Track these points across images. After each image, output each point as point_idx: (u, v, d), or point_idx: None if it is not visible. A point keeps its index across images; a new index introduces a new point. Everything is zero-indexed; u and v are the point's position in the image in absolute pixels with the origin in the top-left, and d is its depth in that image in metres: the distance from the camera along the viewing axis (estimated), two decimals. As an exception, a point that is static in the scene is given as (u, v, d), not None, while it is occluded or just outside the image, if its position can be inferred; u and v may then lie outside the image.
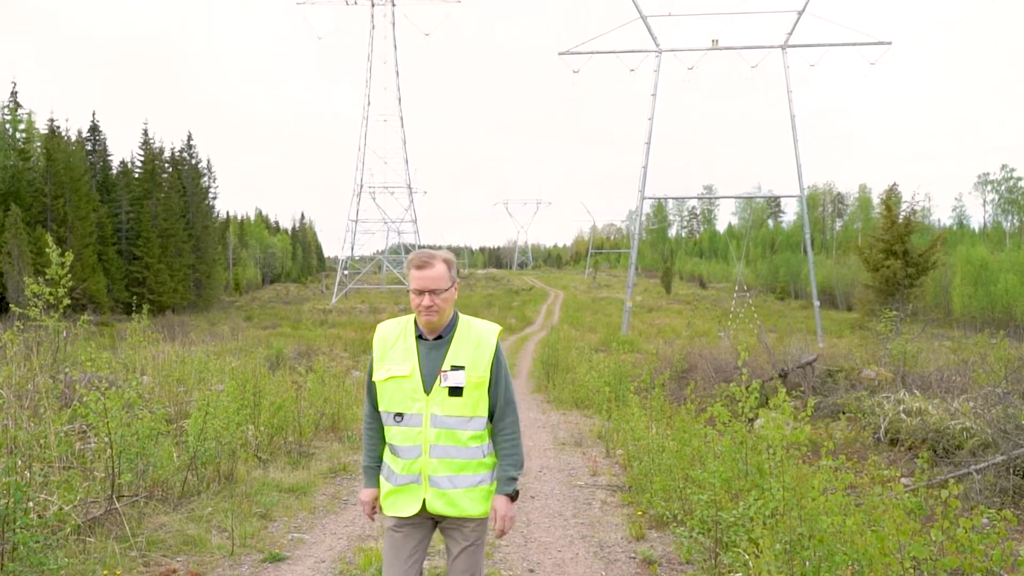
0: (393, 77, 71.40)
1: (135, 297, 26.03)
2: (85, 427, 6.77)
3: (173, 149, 60.17)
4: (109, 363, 6.81)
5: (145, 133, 56.88)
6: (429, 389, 2.89)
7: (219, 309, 56.75)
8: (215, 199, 66.11)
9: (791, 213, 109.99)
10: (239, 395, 7.81)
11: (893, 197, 47.05)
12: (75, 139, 52.91)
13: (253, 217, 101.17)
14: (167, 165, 58.05)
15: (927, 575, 3.46)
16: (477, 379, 2.89)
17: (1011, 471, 6.98)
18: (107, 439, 5.46)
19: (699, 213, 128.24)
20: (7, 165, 45.71)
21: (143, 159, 56.50)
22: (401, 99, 71.67)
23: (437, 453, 2.88)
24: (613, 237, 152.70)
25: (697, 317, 45.12)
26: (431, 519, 2.99)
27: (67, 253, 6.22)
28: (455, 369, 2.88)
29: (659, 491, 6.24)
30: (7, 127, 47.85)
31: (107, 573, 4.58)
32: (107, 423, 5.37)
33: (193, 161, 60.93)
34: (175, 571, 4.79)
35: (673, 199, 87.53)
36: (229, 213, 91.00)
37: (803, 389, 12.77)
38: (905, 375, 12.77)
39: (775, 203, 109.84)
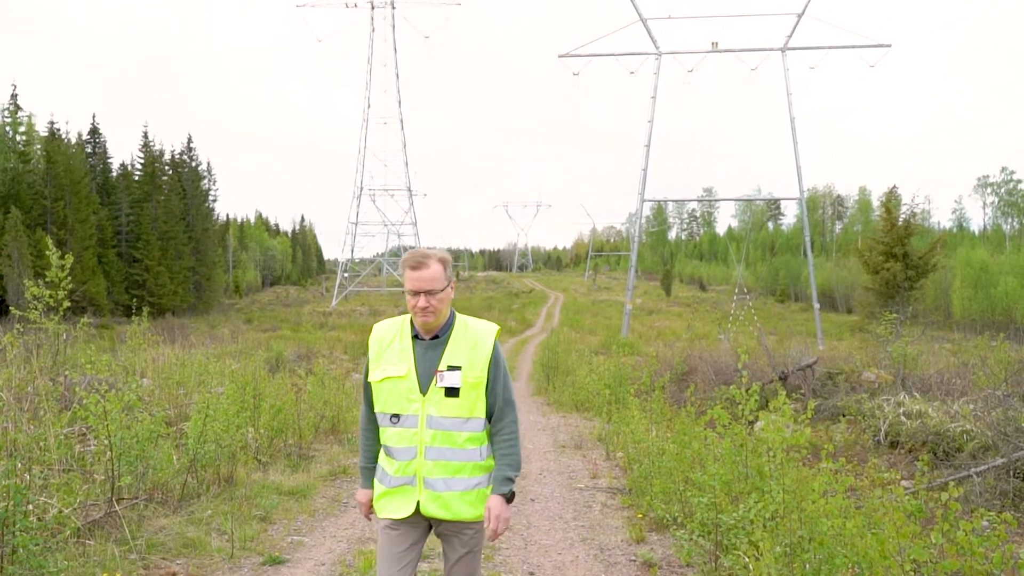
0: (393, 80, 71.52)
1: (135, 300, 26.01)
2: (85, 430, 6.76)
3: (173, 152, 60.30)
4: (109, 366, 6.81)
5: (145, 136, 56.98)
6: (425, 390, 2.84)
7: (219, 312, 56.75)
8: (215, 201, 66.31)
9: (791, 215, 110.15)
10: (239, 398, 7.81)
11: (893, 199, 47.08)
12: (75, 142, 52.94)
13: (253, 219, 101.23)
14: (167, 168, 58.11)
15: (927, 578, 3.46)
16: (474, 379, 2.84)
17: (1011, 474, 6.99)
18: (107, 442, 5.45)
19: (699, 215, 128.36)
20: (7, 167, 45.74)
21: (143, 162, 56.56)
22: (401, 101, 71.84)
23: (432, 455, 2.83)
24: (613, 239, 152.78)
25: (697, 320, 45.08)
26: (426, 521, 2.93)
27: (67, 256, 6.23)
28: (451, 369, 2.83)
29: (659, 494, 6.24)
30: (7, 129, 47.91)
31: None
32: (107, 426, 5.37)
33: (193, 163, 61.01)
34: (175, 574, 4.79)
35: (673, 201, 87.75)
36: (229, 216, 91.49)
37: (803, 392, 12.77)
38: (905, 378, 12.77)
39: (775, 205, 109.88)
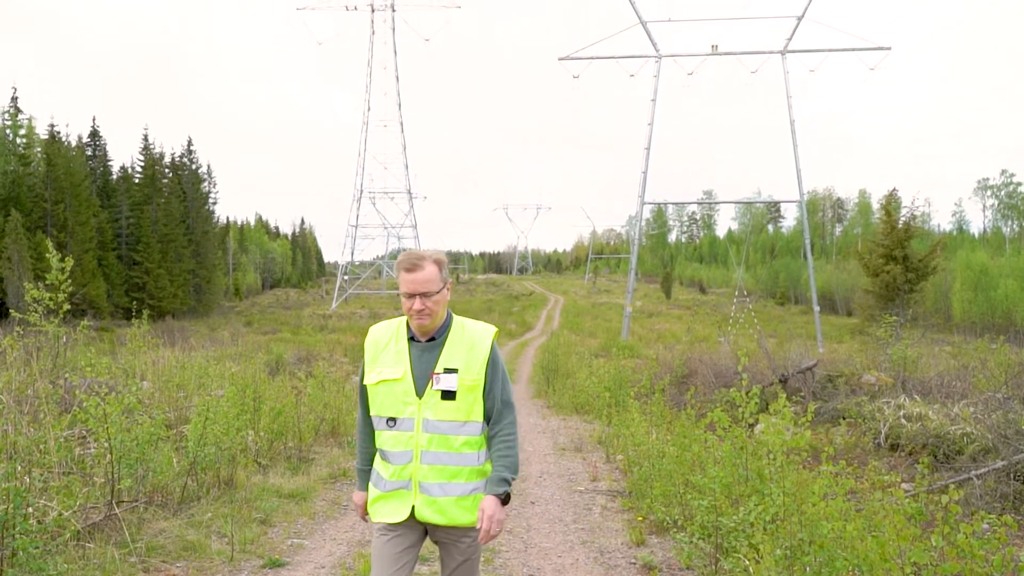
0: (393, 82, 71.45)
1: (135, 302, 26.02)
2: (85, 432, 6.76)
3: (173, 154, 60.27)
4: (109, 368, 6.82)
5: (145, 138, 56.99)
6: (421, 393, 2.79)
7: (219, 314, 56.73)
8: (215, 204, 66.18)
9: (791, 218, 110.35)
10: (239, 400, 7.80)
11: (893, 202, 47.01)
12: (75, 144, 52.94)
13: (253, 222, 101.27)
14: (167, 170, 58.10)
15: (928, 581, 3.45)
16: (471, 382, 2.79)
17: (1012, 476, 6.99)
18: (107, 444, 5.45)
19: (699, 218, 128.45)
20: (7, 170, 45.75)
21: (143, 164, 56.56)
22: (401, 104, 71.96)
23: (428, 459, 2.78)
24: (613, 242, 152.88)
25: (697, 322, 45.12)
26: (422, 526, 2.87)
27: (67, 258, 6.22)
28: (448, 372, 2.78)
29: (659, 496, 6.24)
30: (7, 132, 47.91)
31: (106, 579, 4.57)
32: (107, 428, 5.37)
33: (193, 166, 61.01)
34: (174, 577, 4.78)
35: (673, 204, 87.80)
36: (229, 218, 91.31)
37: (803, 394, 12.76)
38: (905, 380, 12.77)
39: (775, 208, 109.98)
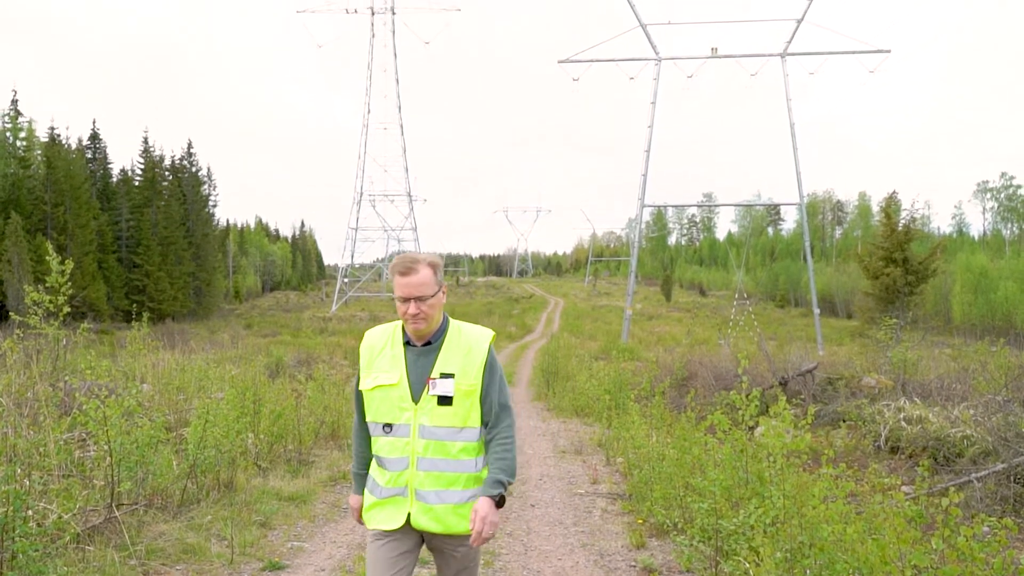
0: (393, 85, 71.54)
1: (135, 305, 25.98)
2: (85, 435, 6.75)
3: (173, 157, 60.37)
4: (109, 371, 6.81)
5: (145, 141, 57.02)
6: (417, 398, 2.74)
7: (219, 317, 56.72)
8: (215, 207, 66.31)
9: (791, 221, 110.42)
10: (239, 403, 7.80)
11: (893, 205, 47.06)
12: (75, 147, 53.00)
13: (253, 225, 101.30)
14: (167, 173, 58.15)
15: (928, 584, 3.45)
16: (467, 387, 2.74)
17: (1012, 479, 6.98)
18: (106, 447, 5.45)
19: (699, 221, 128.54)
20: (7, 173, 45.78)
21: (143, 167, 56.60)
22: (401, 107, 71.91)
23: (425, 466, 2.73)
24: (613, 245, 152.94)
25: (697, 325, 45.09)
26: (418, 534, 2.82)
27: (67, 261, 6.22)
28: (444, 377, 2.73)
29: (659, 499, 6.23)
30: (7, 135, 47.93)
31: (106, 582, 4.56)
32: (107, 431, 5.37)
33: (193, 169, 61.06)
34: (174, 580, 4.78)
35: (673, 207, 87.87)
36: (229, 221, 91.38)
37: (803, 397, 12.75)
38: (905, 383, 12.76)
39: (775, 211, 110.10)
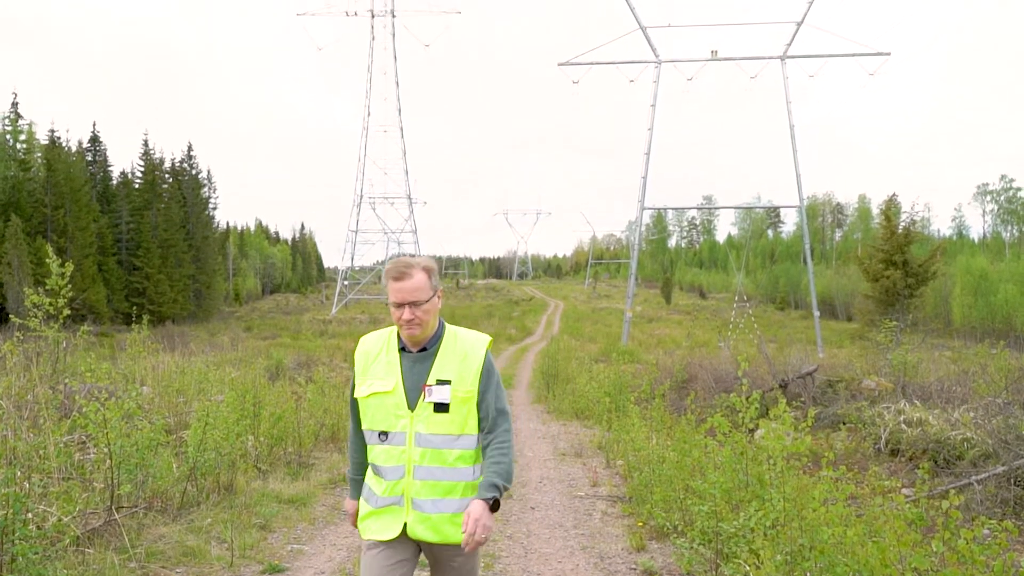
0: (393, 88, 71.45)
1: (135, 307, 25.98)
2: (84, 438, 6.76)
3: (173, 160, 60.45)
4: (109, 374, 6.80)
5: (145, 144, 57.09)
6: (413, 405, 2.69)
7: (219, 319, 56.73)
8: (215, 209, 66.31)
9: (791, 223, 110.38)
10: (239, 406, 7.80)
11: (892, 207, 47.13)
12: (75, 150, 53.06)
13: (253, 227, 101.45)
14: (167, 176, 58.22)
15: (928, 586, 3.45)
16: (464, 394, 2.69)
17: (1012, 482, 6.98)
18: (106, 450, 5.45)
19: (699, 223, 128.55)
20: (8, 176, 45.81)
21: (143, 170, 56.66)
22: (401, 110, 71.95)
23: (421, 474, 2.67)
24: (613, 247, 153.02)
25: (697, 327, 45.10)
26: (414, 544, 2.76)
27: (67, 264, 6.23)
28: (440, 383, 2.68)
29: (659, 502, 6.23)
30: (8, 138, 47.98)
31: (106, 585, 4.56)
32: (106, 434, 5.36)
33: (193, 172, 61.13)
34: (174, 583, 4.77)
35: (673, 209, 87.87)
36: (229, 223, 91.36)
37: (803, 399, 12.76)
38: (905, 385, 12.76)
39: (775, 213, 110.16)
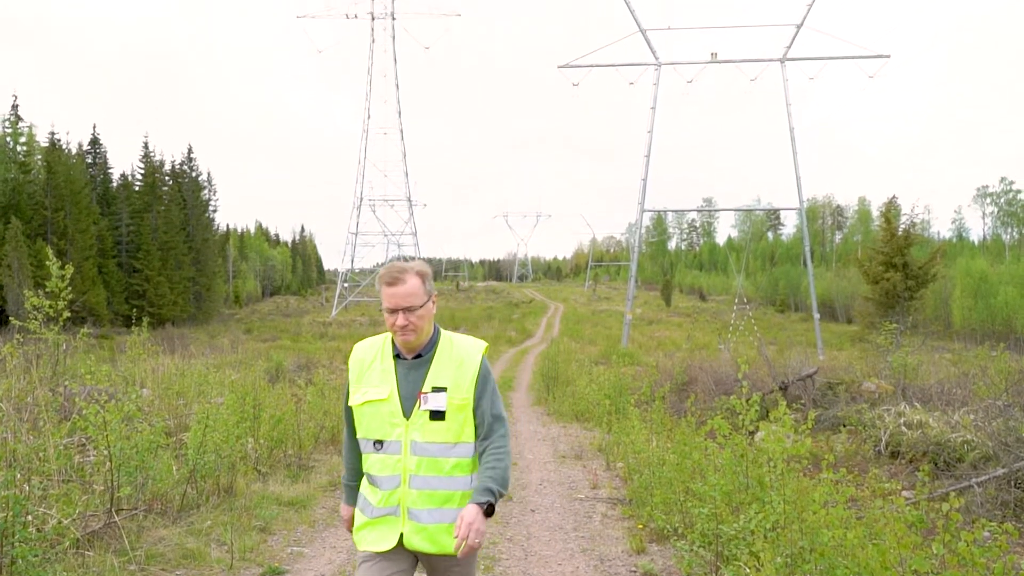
0: (393, 90, 71.57)
1: (135, 310, 26.03)
2: (84, 440, 6.76)
3: (173, 162, 60.46)
4: (109, 376, 6.81)
5: (146, 146, 57.11)
6: (409, 413, 2.65)
7: (219, 322, 56.73)
8: (215, 212, 66.39)
9: (791, 226, 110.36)
10: (239, 408, 7.80)
11: (892, 210, 47.19)
12: (76, 152, 53.09)
13: (253, 230, 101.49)
14: (167, 178, 58.23)
15: (929, 589, 3.44)
16: (460, 401, 2.65)
17: (1012, 484, 6.97)
18: (106, 452, 5.44)
19: (699, 226, 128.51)
20: (8, 178, 45.84)
21: (143, 172, 56.68)
22: (401, 112, 71.98)
23: (417, 484, 2.63)
24: (613, 250, 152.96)
25: (697, 330, 45.11)
26: (411, 554, 2.71)
27: (67, 266, 6.23)
28: (436, 391, 2.64)
29: (660, 504, 6.23)
30: (8, 140, 48.01)
31: (105, 587, 4.56)
32: (106, 436, 5.36)
33: (193, 174, 61.14)
34: (174, 585, 4.77)
35: (673, 212, 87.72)
36: (229, 226, 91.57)
37: (803, 402, 12.75)
38: (905, 388, 12.75)
39: (775, 216, 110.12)
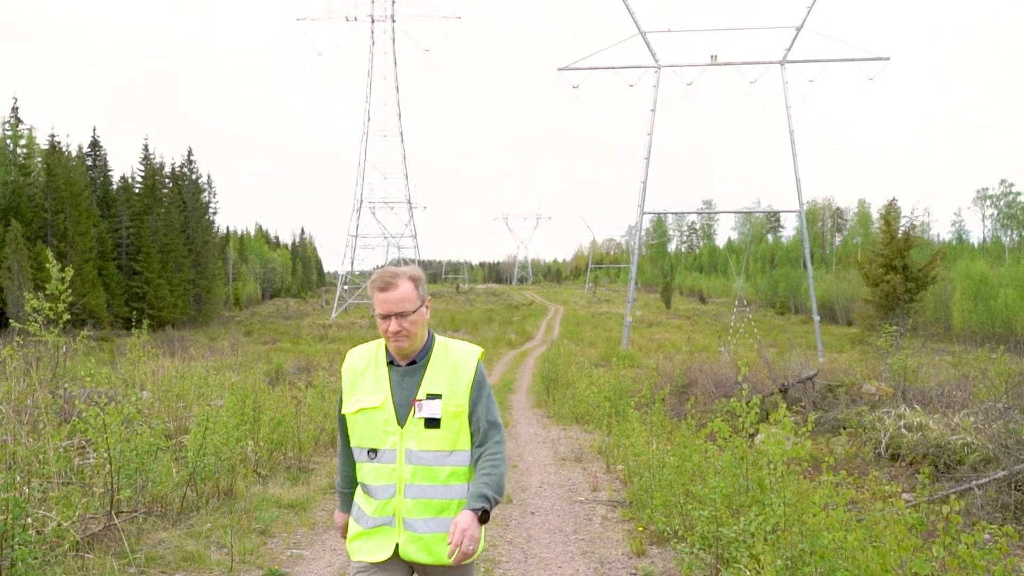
0: (393, 92, 71.78)
1: (135, 312, 26.02)
2: (84, 442, 6.75)
3: (173, 164, 60.52)
4: (108, 378, 6.81)
5: (145, 148, 57.17)
6: (403, 421, 2.59)
7: (219, 324, 56.74)
8: (215, 214, 66.38)
9: (790, 228, 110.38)
10: (239, 410, 7.80)
11: (892, 212, 47.15)
12: (76, 154, 53.14)
13: (253, 232, 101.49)
14: (167, 180, 58.28)
15: (929, 591, 3.44)
16: (455, 408, 2.60)
17: (1012, 486, 6.97)
18: (106, 454, 5.44)
19: (699, 228, 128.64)
20: (8, 180, 45.87)
21: (143, 174, 56.73)
22: (401, 114, 72.08)
23: (412, 493, 2.57)
24: (613, 252, 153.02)
25: (697, 332, 45.08)
26: (407, 565, 2.66)
27: (67, 268, 6.23)
28: (431, 398, 2.58)
29: (660, 507, 6.22)
30: (8, 143, 48.06)
31: (105, 590, 4.55)
32: (106, 438, 5.36)
33: (193, 176, 61.19)
34: (173, 588, 4.77)
35: (673, 214, 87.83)
36: (229, 228, 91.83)
37: (803, 404, 12.74)
38: (905, 390, 12.74)
39: (774, 218, 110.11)
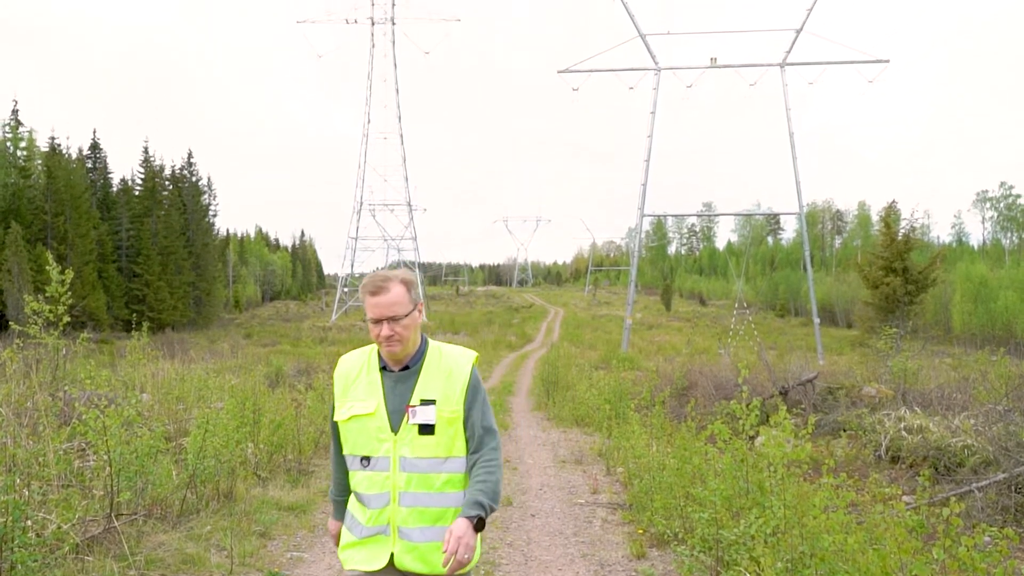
0: (393, 95, 71.56)
1: (135, 314, 25.96)
2: (84, 445, 6.75)
3: (174, 167, 60.50)
4: (108, 381, 6.81)
5: (146, 151, 57.14)
6: (397, 428, 2.55)
7: (219, 326, 56.73)
8: (215, 216, 66.35)
9: (790, 230, 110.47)
10: (238, 413, 7.79)
11: (892, 214, 47.11)
12: (76, 157, 53.11)
13: (253, 234, 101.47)
14: (167, 183, 58.27)
15: (929, 594, 3.44)
16: (450, 414, 2.55)
17: (1013, 489, 6.97)
18: (106, 457, 5.44)
19: (698, 230, 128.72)
20: (8, 183, 45.86)
21: (143, 177, 56.71)
22: (401, 117, 72.15)
23: (407, 501, 2.53)
24: (613, 254, 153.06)
25: (697, 334, 45.07)
26: (401, 574, 2.61)
27: (67, 271, 6.23)
28: (424, 404, 2.54)
29: (660, 509, 6.22)
30: (8, 145, 48.05)
31: (105, 592, 4.55)
32: (106, 441, 5.36)
33: (193, 179, 61.21)
34: (173, 590, 4.76)
35: (672, 216, 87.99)
36: (229, 230, 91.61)
37: (804, 406, 12.74)
38: (906, 392, 12.74)
39: (774, 220, 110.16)
